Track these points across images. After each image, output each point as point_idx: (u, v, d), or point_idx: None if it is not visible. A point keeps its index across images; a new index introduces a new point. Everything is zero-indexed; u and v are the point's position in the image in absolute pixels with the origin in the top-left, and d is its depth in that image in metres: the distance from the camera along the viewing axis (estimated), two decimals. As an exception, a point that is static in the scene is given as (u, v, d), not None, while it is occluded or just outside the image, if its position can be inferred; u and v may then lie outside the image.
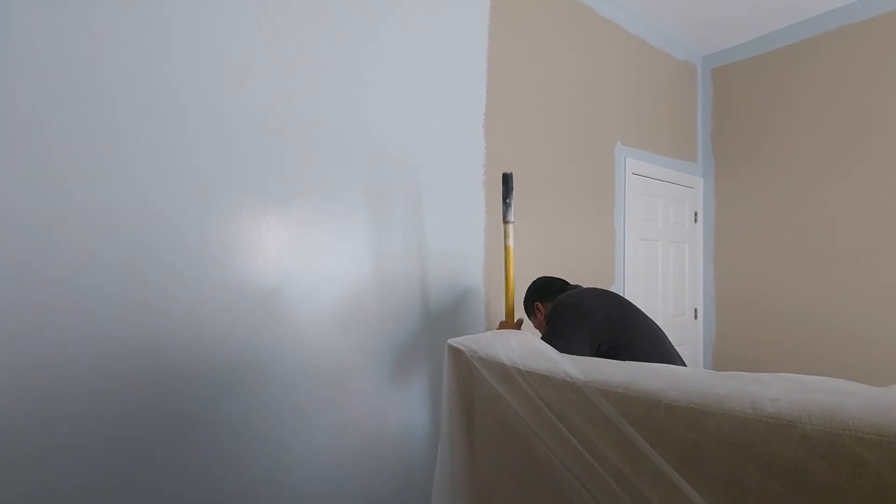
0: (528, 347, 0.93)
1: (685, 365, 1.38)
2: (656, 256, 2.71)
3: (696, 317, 2.95)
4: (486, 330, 1.89)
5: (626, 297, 1.62)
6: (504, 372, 0.87)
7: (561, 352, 1.16)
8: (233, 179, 1.31)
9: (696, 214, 2.98)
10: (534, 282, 1.59)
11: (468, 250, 1.85)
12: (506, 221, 1.35)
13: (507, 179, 1.39)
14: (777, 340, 2.65)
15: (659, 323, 1.51)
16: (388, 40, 1.63)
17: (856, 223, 2.39)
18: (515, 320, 1.41)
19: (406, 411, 1.64)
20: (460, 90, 1.84)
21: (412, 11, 1.69)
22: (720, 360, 2.91)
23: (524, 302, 1.59)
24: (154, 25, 1.20)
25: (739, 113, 2.89)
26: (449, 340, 0.98)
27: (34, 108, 1.05)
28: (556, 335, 1.23)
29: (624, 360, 1.26)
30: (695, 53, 3.03)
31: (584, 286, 1.53)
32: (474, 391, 0.95)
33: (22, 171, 1.03)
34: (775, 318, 2.66)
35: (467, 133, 1.86)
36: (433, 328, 1.71)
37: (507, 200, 1.37)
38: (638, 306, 1.43)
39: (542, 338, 1.28)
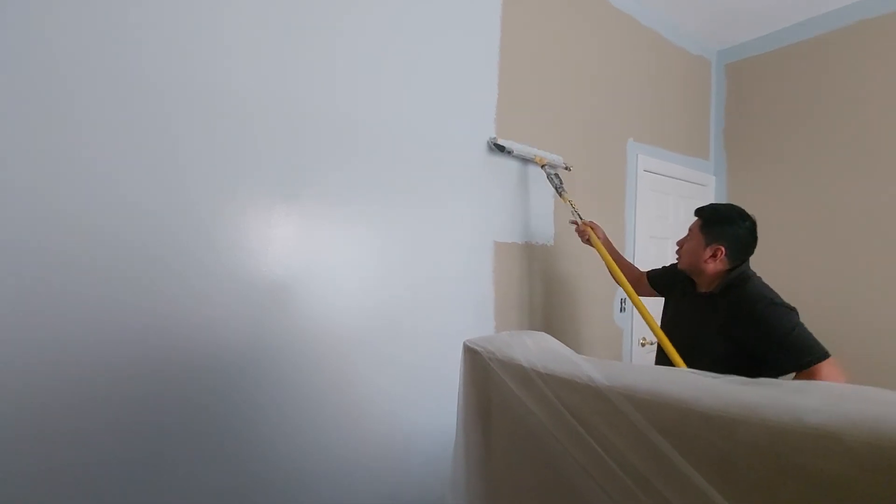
0: (545, 350, 0.91)
1: None
2: (667, 254, 2.67)
3: (705, 316, 2.91)
4: (494, 329, 1.87)
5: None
6: (523, 375, 0.85)
7: (811, 345, 1.25)
8: (234, 172, 1.29)
9: (707, 212, 2.93)
10: (752, 220, 1.52)
11: (478, 246, 1.83)
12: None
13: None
14: (788, 340, 2.61)
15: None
16: (399, 30, 1.60)
17: (872, 222, 2.35)
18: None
19: (415, 410, 1.63)
20: (472, 82, 1.81)
21: (426, 1, 1.67)
22: (730, 359, 2.87)
23: (715, 218, 1.55)
24: (125, 7, 1.13)
25: (753, 110, 2.84)
26: (465, 341, 0.96)
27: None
28: (803, 332, 1.28)
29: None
30: (709, 48, 2.98)
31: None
32: (491, 393, 0.93)
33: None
34: (787, 317, 2.62)
35: (479, 127, 1.84)
36: (442, 325, 1.69)
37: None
38: None
39: (787, 330, 1.28)
